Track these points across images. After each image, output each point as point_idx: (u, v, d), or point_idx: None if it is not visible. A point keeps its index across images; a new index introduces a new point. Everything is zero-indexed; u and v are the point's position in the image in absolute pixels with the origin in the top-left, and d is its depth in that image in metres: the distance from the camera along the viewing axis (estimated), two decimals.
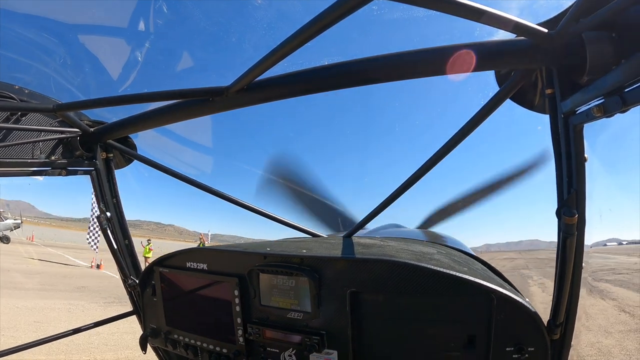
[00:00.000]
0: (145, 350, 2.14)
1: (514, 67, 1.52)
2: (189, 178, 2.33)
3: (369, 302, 1.52)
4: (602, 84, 1.10)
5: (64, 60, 2.22)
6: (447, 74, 1.46)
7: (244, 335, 1.76)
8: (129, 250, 2.45)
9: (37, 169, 2.13)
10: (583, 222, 1.34)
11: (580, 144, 1.30)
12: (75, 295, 13.36)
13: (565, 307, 1.43)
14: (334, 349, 1.59)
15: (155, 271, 2.01)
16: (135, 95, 1.76)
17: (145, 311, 2.15)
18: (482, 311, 1.38)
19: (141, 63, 2.22)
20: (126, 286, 2.35)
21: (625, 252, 52.79)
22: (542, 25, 1.30)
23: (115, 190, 2.43)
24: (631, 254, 47.55)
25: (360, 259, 1.52)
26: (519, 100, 1.62)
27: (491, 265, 1.93)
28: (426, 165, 1.79)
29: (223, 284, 1.80)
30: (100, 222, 2.25)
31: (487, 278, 1.45)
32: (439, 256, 1.69)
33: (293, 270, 1.60)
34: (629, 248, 79.53)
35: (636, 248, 76.93)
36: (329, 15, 1.16)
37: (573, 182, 1.32)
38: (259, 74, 1.49)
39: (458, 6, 1.14)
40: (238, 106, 1.74)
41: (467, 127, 1.66)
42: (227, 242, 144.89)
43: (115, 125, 2.19)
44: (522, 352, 1.36)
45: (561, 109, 1.33)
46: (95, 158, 2.30)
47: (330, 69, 1.58)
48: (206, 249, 1.91)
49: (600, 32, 1.10)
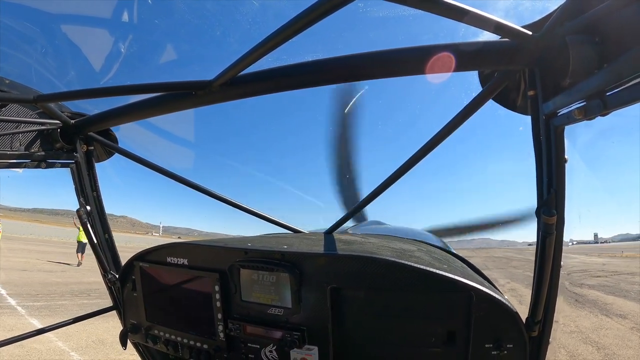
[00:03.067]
0: (125, 346, 2.11)
1: (497, 68, 1.53)
2: (169, 172, 2.30)
3: (350, 298, 1.53)
4: (584, 87, 1.11)
5: (46, 51, 2.17)
6: (430, 73, 1.46)
7: (225, 331, 1.75)
8: (109, 244, 2.41)
9: (15, 161, 2.08)
10: (562, 222, 1.36)
11: (561, 145, 1.32)
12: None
13: (544, 304, 1.45)
14: (315, 345, 1.59)
15: (135, 266, 1.99)
16: (118, 87, 1.73)
17: (125, 306, 2.12)
18: (461, 308, 1.40)
19: (124, 55, 2.19)
20: (106, 281, 2.31)
21: (578, 252, 53.47)
22: (526, 27, 1.31)
23: (95, 183, 2.38)
24: (589, 253, 48.50)
25: (341, 255, 1.53)
26: (501, 101, 1.64)
27: (471, 263, 1.96)
28: (408, 163, 1.80)
29: (203, 279, 1.78)
30: (80, 216, 2.21)
31: (467, 275, 1.46)
32: (420, 253, 1.71)
33: (274, 265, 1.59)
34: (577, 248, 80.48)
35: (588, 248, 77.74)
36: (315, 11, 1.16)
37: (553, 182, 1.34)
38: (244, 68, 1.48)
39: (443, 6, 1.15)
40: (222, 100, 1.72)
41: (450, 126, 1.67)
42: (180, 235, 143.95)
43: (97, 117, 2.14)
44: (501, 349, 1.38)
45: (543, 110, 1.34)
46: (75, 151, 2.25)
47: (315, 65, 1.57)
48: (187, 243, 1.89)
49: (583, 36, 1.11)
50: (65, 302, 10.84)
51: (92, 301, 11.10)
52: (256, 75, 1.63)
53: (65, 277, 15.46)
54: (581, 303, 12.79)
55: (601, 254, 43.99)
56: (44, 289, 12.34)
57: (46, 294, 11.78)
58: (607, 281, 18.26)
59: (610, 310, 11.40)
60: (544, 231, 1.33)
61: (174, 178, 2.30)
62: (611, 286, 16.44)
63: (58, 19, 2.12)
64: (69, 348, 7.27)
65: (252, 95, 1.70)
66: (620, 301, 12.91)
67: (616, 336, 8.57)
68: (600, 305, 12.22)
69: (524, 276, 20.12)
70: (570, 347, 7.89)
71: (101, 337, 7.99)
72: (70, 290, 12.63)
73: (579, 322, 10.02)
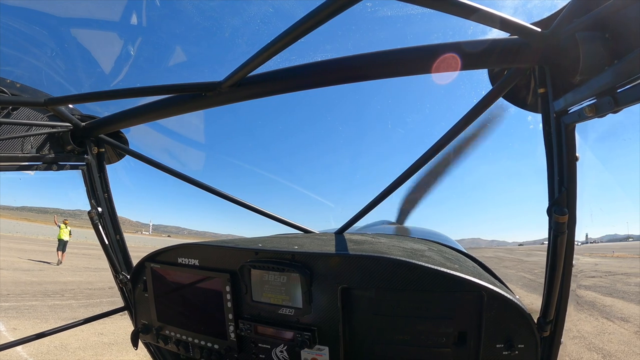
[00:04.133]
0: (136, 346, 2.13)
1: (507, 66, 1.53)
2: (180, 173, 2.32)
3: (360, 298, 1.53)
4: (594, 84, 1.10)
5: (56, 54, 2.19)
6: (440, 72, 1.45)
7: (236, 331, 1.76)
8: (121, 245, 2.43)
9: (27, 164, 2.11)
10: (574, 221, 1.35)
11: (572, 143, 1.31)
12: None
13: (556, 304, 1.44)
14: (325, 345, 1.60)
15: (146, 267, 2.01)
16: (128, 89, 1.75)
17: (137, 307, 2.14)
18: (472, 308, 1.40)
19: (133, 57, 2.20)
20: (117, 282, 2.33)
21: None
22: (535, 24, 1.30)
23: (106, 185, 2.40)
24: (581, 253, 47.55)
25: (351, 255, 1.53)
26: (511, 99, 1.63)
27: (482, 263, 1.95)
28: (418, 162, 1.79)
29: (214, 280, 1.79)
30: (91, 217, 2.24)
31: (478, 275, 1.46)
32: (430, 253, 1.70)
33: (284, 266, 1.60)
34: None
35: (578, 249, 76.33)
36: (322, 11, 1.16)
37: (564, 180, 1.33)
38: (252, 69, 1.48)
39: (452, 4, 1.14)
40: (231, 101, 1.73)
41: (460, 125, 1.67)
42: (169, 233, 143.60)
43: (107, 120, 2.17)
44: (512, 349, 1.37)
45: (553, 108, 1.33)
46: (86, 153, 2.28)
47: (324, 65, 1.57)
48: (198, 244, 1.90)
49: (593, 33, 1.10)
50: (36, 303, 10.30)
51: (65, 302, 10.73)
52: (265, 76, 1.64)
53: (42, 276, 15.00)
54: (580, 305, 12.31)
55: (592, 254, 43.37)
56: (16, 289, 11.98)
57: (18, 294, 11.36)
58: (602, 282, 17.68)
59: (611, 313, 10.97)
60: (556, 230, 1.31)
61: (184, 179, 2.31)
62: (607, 287, 15.93)
63: (67, 22, 2.14)
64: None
65: (261, 96, 1.70)
66: (619, 303, 12.46)
67: (621, 342, 8.15)
68: (599, 308, 11.76)
69: (517, 276, 19.71)
70: (574, 354, 7.39)
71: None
72: (44, 291, 12.17)
73: (580, 326, 9.59)
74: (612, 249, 59.03)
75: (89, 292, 12.46)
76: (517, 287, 15.59)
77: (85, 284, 14.04)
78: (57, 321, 8.52)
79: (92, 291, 12.73)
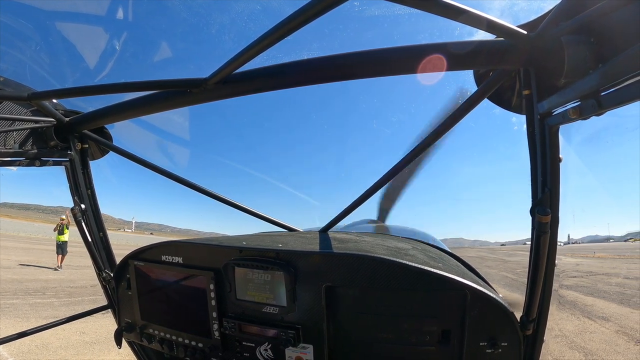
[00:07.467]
0: (120, 345, 2.10)
1: (493, 67, 1.54)
2: (164, 170, 2.29)
3: (344, 296, 1.53)
4: (579, 87, 1.11)
5: (41, 48, 2.15)
6: (426, 72, 1.46)
7: (220, 330, 1.75)
8: (104, 243, 2.40)
9: (9, 159, 2.06)
10: (556, 221, 1.37)
11: (555, 144, 1.33)
12: None
13: (538, 303, 1.46)
14: (310, 343, 1.59)
15: (130, 264, 1.98)
16: (112, 85, 1.72)
17: (120, 305, 2.11)
18: (456, 307, 1.41)
19: (119, 52, 2.18)
20: (100, 279, 2.30)
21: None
22: (522, 27, 1.31)
23: (90, 181, 2.36)
24: (563, 253, 48.27)
25: (335, 253, 1.53)
26: (496, 100, 1.64)
27: (465, 262, 1.96)
28: (403, 161, 1.81)
29: (198, 278, 1.78)
30: (74, 214, 2.20)
31: (461, 274, 1.47)
32: (414, 252, 1.71)
33: (268, 264, 1.59)
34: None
35: (560, 249, 77.60)
36: (310, 9, 1.15)
37: (547, 181, 1.35)
38: (238, 66, 1.47)
39: (438, 5, 1.15)
40: (217, 98, 1.72)
41: (445, 125, 1.68)
42: (152, 231, 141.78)
43: (91, 115, 2.13)
44: (496, 347, 1.39)
45: (538, 109, 1.35)
46: (70, 149, 2.23)
47: (311, 64, 1.57)
48: (182, 242, 1.89)
49: (579, 36, 1.12)
50: (17, 302, 10.07)
51: (47, 300, 10.49)
52: (251, 74, 1.63)
53: (22, 274, 14.52)
54: (561, 304, 12.39)
55: (574, 254, 43.96)
56: None
57: None
58: (583, 282, 17.73)
59: (592, 313, 11.07)
60: (538, 230, 1.33)
61: (169, 176, 2.29)
62: (589, 287, 16.01)
63: (53, 16, 2.11)
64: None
65: (246, 93, 1.69)
66: (600, 302, 12.52)
67: (602, 340, 8.29)
68: (580, 307, 11.88)
69: (499, 276, 19.84)
70: (556, 353, 7.52)
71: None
72: (25, 289, 11.83)
73: (562, 325, 9.70)
74: (593, 249, 59.82)
75: (71, 290, 12.25)
76: (499, 286, 15.68)
77: (67, 281, 13.80)
78: (39, 320, 8.35)
79: (74, 289, 12.51)
